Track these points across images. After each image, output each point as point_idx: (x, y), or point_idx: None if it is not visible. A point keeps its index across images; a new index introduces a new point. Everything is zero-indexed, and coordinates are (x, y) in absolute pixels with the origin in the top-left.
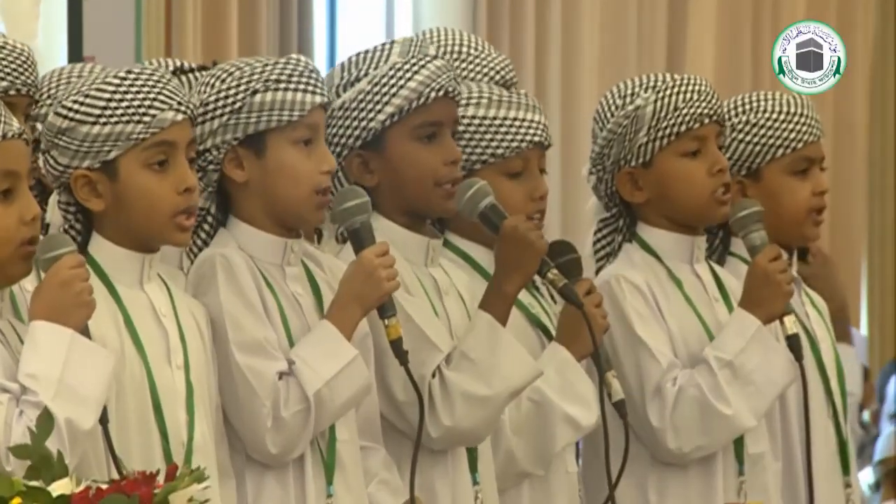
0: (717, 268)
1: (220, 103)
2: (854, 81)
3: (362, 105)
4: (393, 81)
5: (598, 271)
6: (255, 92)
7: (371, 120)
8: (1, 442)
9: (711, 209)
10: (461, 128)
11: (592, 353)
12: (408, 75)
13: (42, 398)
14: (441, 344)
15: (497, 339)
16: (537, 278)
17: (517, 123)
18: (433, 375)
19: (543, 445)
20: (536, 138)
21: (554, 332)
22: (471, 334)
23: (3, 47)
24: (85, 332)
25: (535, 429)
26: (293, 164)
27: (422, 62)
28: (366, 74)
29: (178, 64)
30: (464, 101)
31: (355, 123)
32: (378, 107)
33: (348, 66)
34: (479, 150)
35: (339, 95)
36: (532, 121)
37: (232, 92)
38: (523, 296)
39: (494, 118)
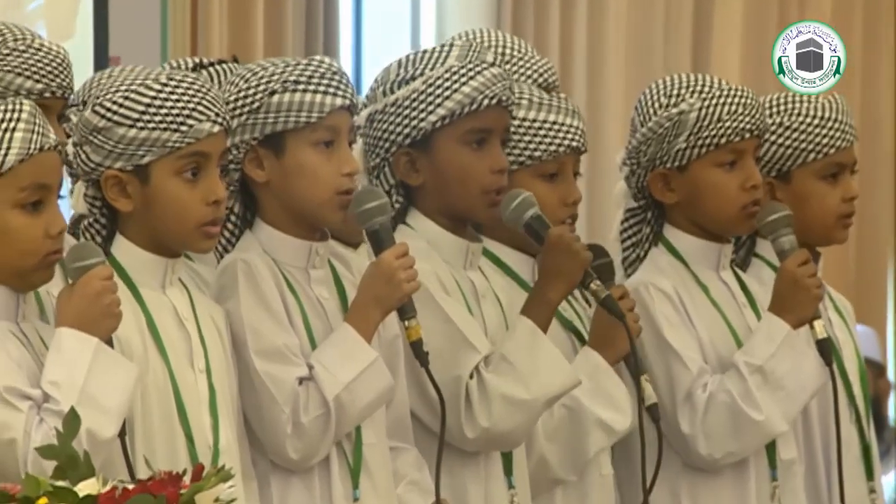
0: (742, 275)
1: (240, 103)
2: (880, 81)
3: (414, 104)
4: (448, 84)
5: (624, 260)
6: (273, 92)
7: (422, 120)
8: (21, 449)
9: (739, 222)
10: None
11: (626, 357)
12: (463, 80)
13: (63, 407)
14: (479, 345)
15: (538, 345)
16: None
17: (556, 127)
18: (471, 376)
19: (577, 451)
20: (574, 143)
21: (587, 337)
22: (512, 339)
23: (39, 49)
24: (109, 342)
25: (569, 434)
26: (312, 166)
27: (478, 68)
28: (421, 74)
29: (198, 60)
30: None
31: (406, 121)
32: (430, 108)
33: (405, 64)
34: (516, 152)
35: (393, 91)
36: (571, 126)
37: (251, 92)
38: None
39: (534, 121)
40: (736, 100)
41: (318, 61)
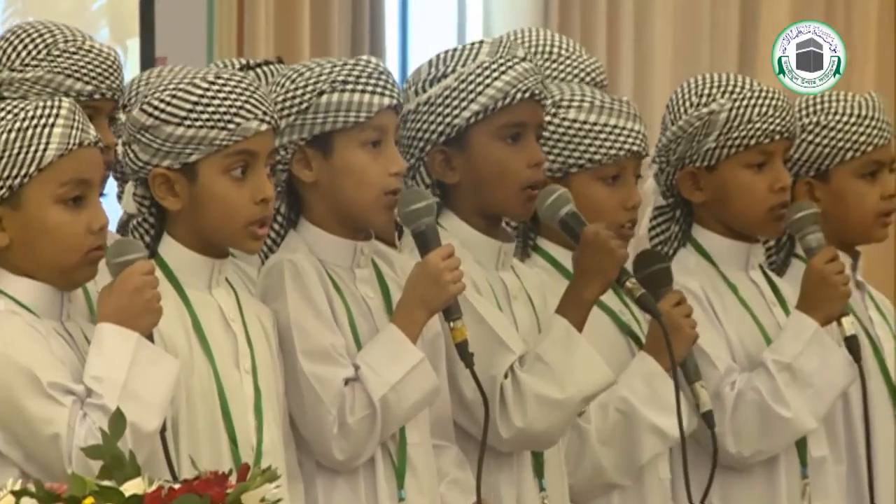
0: (772, 275)
1: (288, 103)
2: None
3: (448, 101)
4: (480, 80)
5: None
6: (321, 93)
7: (456, 116)
8: (64, 444)
9: (766, 224)
10: (560, 130)
11: (683, 363)
12: (495, 75)
13: (106, 401)
14: (513, 345)
15: (572, 344)
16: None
17: (617, 131)
18: (505, 376)
19: (630, 456)
20: (635, 147)
21: (644, 340)
22: (546, 338)
23: (90, 51)
24: (149, 338)
25: (623, 439)
26: (360, 166)
27: (510, 63)
28: (453, 71)
29: (244, 61)
30: (565, 103)
31: (440, 119)
32: (463, 104)
33: (436, 62)
34: (576, 155)
35: (425, 90)
36: (632, 130)
37: (299, 92)
38: (614, 303)
39: (595, 124)
40: (766, 101)
41: (366, 61)
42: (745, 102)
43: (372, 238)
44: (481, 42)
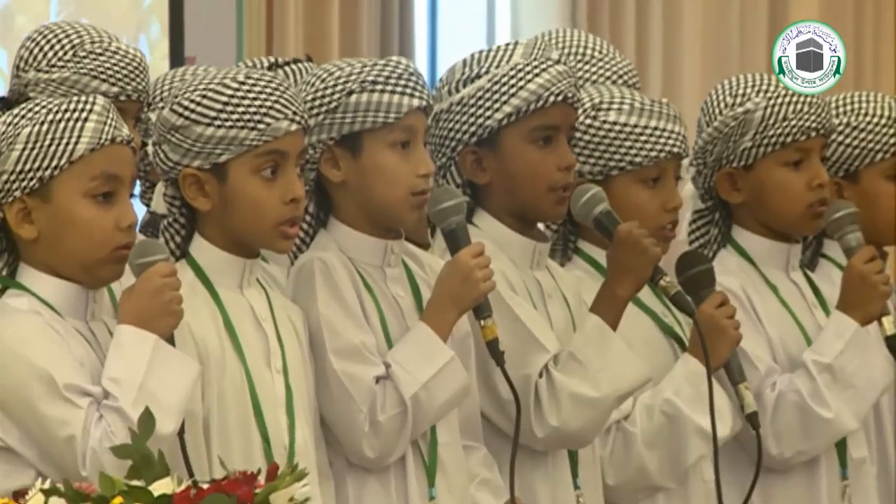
0: (812, 275)
1: (318, 103)
2: None
3: (480, 102)
4: (513, 82)
5: None
6: (350, 93)
7: (488, 118)
8: (79, 446)
9: (805, 221)
10: (601, 132)
11: (727, 364)
12: (528, 77)
13: (122, 403)
14: (548, 344)
15: (606, 342)
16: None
17: (657, 133)
18: (540, 375)
19: (676, 458)
20: (675, 149)
21: (687, 342)
22: (580, 336)
23: (116, 52)
24: (170, 340)
25: (668, 442)
26: (389, 166)
27: (543, 65)
28: (487, 72)
29: (272, 60)
30: (605, 105)
31: (472, 119)
32: (496, 105)
33: (470, 63)
34: (617, 157)
35: (458, 90)
36: (672, 131)
37: (329, 92)
38: (656, 305)
39: (635, 126)
40: (801, 98)
41: (396, 62)
42: (779, 100)
43: (402, 237)
44: (516, 43)
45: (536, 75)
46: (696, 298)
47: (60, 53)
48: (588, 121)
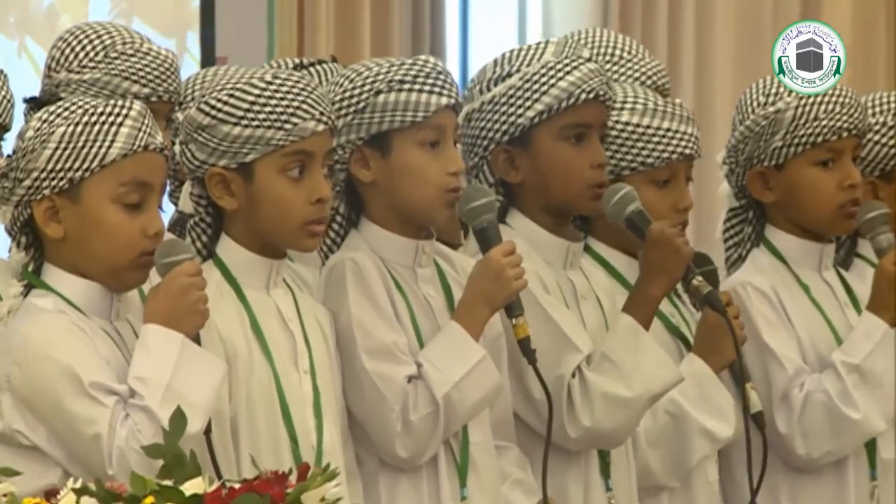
0: (845, 274)
1: (346, 103)
2: None
3: (512, 100)
4: (544, 80)
5: (727, 259)
6: (378, 92)
7: (519, 116)
8: (105, 444)
9: (837, 221)
10: (613, 132)
11: (731, 364)
12: (559, 75)
13: (149, 402)
14: (581, 344)
15: (639, 342)
16: (678, 288)
17: (670, 134)
18: (573, 375)
19: (679, 458)
20: (687, 151)
21: (693, 342)
22: (613, 336)
23: (147, 53)
24: (196, 339)
25: (672, 441)
26: (419, 165)
27: (574, 63)
28: (518, 70)
29: (297, 60)
30: (618, 105)
31: (503, 118)
32: (528, 103)
33: (501, 62)
34: (629, 157)
35: (489, 89)
36: (685, 133)
37: (357, 92)
38: (663, 305)
39: (648, 127)
40: (833, 98)
41: (423, 61)
42: (811, 100)
43: (433, 237)
44: (547, 42)
45: (568, 73)
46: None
47: (92, 54)
48: None
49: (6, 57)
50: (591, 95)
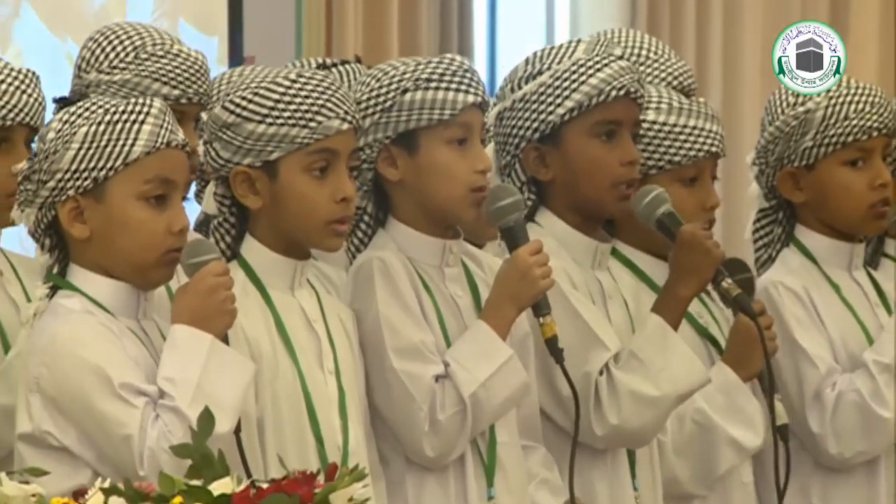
0: (875, 274)
1: (373, 102)
2: None
3: (542, 98)
4: (575, 77)
5: (756, 260)
6: (405, 91)
7: (550, 113)
8: (136, 445)
9: (867, 222)
10: (640, 132)
11: (760, 375)
12: (590, 72)
13: (179, 403)
14: (608, 342)
15: (668, 341)
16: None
17: (695, 132)
18: (601, 373)
19: (706, 467)
20: (713, 148)
21: (722, 343)
22: (641, 335)
23: (178, 55)
24: (224, 339)
25: (698, 450)
26: (446, 164)
27: (605, 60)
28: (548, 68)
29: (321, 60)
30: (643, 105)
31: (534, 116)
32: (558, 100)
33: (532, 60)
34: (656, 156)
35: (520, 87)
36: (710, 131)
37: (384, 90)
38: (693, 306)
39: (674, 125)
40: (863, 98)
41: (450, 59)
42: (840, 100)
43: (461, 237)
44: (578, 40)
45: (598, 70)
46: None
47: (122, 55)
48: None
49: (54, 59)
50: (622, 92)
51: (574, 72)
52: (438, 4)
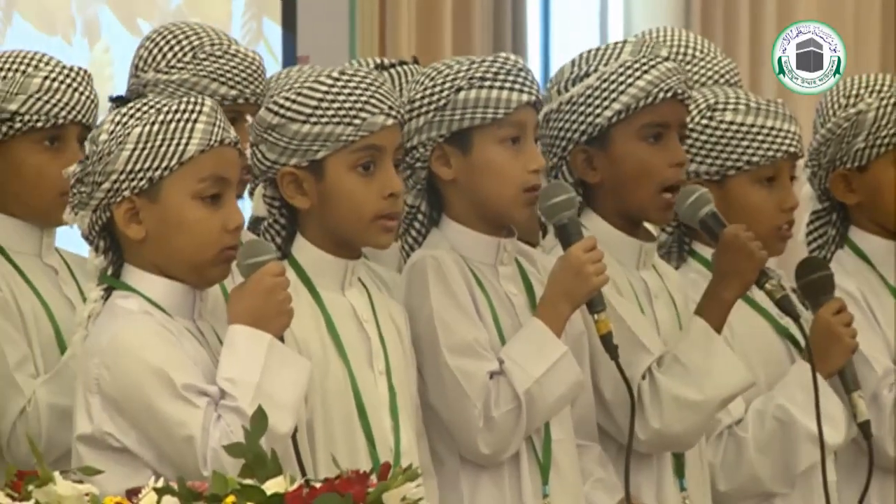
0: None
1: (426, 100)
2: None
3: (590, 100)
4: (622, 79)
5: None
6: (459, 89)
7: (597, 116)
8: (199, 446)
9: None
10: (718, 132)
11: (841, 371)
12: (637, 74)
13: (240, 403)
14: (651, 346)
15: (711, 345)
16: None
17: (774, 133)
18: (643, 377)
19: (787, 464)
20: (791, 149)
21: (803, 344)
22: (685, 339)
23: (235, 55)
24: (281, 339)
25: (780, 448)
26: (500, 163)
27: (652, 62)
28: (595, 70)
29: (379, 61)
30: (720, 106)
31: (581, 118)
32: (605, 103)
33: (579, 62)
34: (734, 157)
35: (567, 90)
36: (788, 131)
37: (437, 89)
38: (772, 307)
39: (752, 125)
40: None
41: (504, 58)
42: (892, 101)
43: (514, 235)
44: (624, 41)
45: (645, 72)
46: (815, 304)
47: (180, 55)
48: (704, 121)
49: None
50: (670, 94)
51: (621, 74)
52: (492, 4)
